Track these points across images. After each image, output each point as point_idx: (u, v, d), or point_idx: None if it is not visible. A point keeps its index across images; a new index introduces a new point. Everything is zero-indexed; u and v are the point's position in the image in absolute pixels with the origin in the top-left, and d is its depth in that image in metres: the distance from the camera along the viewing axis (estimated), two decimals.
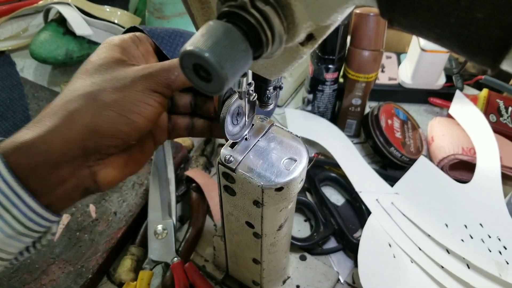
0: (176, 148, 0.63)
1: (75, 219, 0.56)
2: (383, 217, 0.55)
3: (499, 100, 0.69)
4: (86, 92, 0.33)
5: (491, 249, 0.52)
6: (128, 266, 0.52)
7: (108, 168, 0.35)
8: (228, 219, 0.41)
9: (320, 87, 0.65)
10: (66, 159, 0.32)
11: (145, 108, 0.34)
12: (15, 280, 0.50)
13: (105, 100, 0.32)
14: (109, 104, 0.32)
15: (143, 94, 0.33)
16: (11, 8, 0.88)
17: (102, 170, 0.34)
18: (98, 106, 0.32)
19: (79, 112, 0.32)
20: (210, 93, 0.22)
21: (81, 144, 0.32)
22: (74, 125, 0.32)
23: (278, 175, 0.34)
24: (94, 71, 0.34)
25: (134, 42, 0.38)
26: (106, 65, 0.35)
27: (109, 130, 0.33)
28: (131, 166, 0.38)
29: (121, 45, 0.37)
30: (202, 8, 0.28)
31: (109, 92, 0.33)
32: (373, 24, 0.57)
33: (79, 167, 0.33)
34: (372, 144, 0.63)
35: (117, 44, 0.37)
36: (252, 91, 0.32)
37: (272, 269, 0.47)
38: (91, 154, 0.33)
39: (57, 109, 0.33)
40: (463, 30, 0.17)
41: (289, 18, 0.22)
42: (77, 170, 0.33)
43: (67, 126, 0.32)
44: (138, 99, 0.33)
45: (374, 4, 0.19)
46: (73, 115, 0.32)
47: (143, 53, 0.39)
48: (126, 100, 0.33)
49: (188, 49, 0.20)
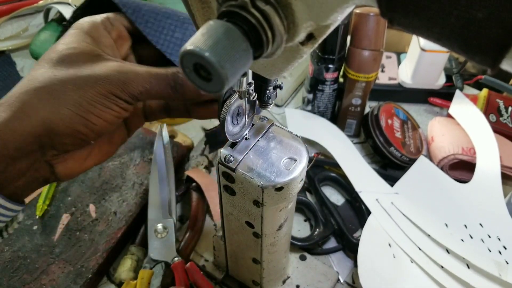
0: (176, 148, 0.63)
1: (75, 219, 0.56)
2: (383, 217, 0.55)
3: (499, 100, 0.69)
4: (45, 85, 0.31)
5: (491, 249, 0.52)
6: (128, 265, 0.52)
7: (68, 161, 0.34)
8: (228, 219, 0.41)
9: (320, 87, 0.65)
10: (22, 153, 0.31)
11: (105, 111, 0.32)
12: (15, 280, 0.50)
13: (63, 98, 0.31)
14: (67, 102, 0.31)
15: (104, 98, 0.32)
16: (11, 8, 0.88)
17: (61, 163, 0.34)
18: (55, 103, 0.31)
19: (35, 106, 0.31)
20: (211, 93, 0.22)
21: (36, 139, 0.31)
22: (29, 120, 0.30)
23: (278, 175, 0.34)
24: (58, 62, 0.32)
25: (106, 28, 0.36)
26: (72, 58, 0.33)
27: (65, 129, 0.31)
28: (96, 157, 0.37)
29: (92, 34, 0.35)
30: (202, 7, 0.27)
31: (69, 90, 0.31)
32: (373, 24, 0.57)
33: (36, 161, 0.32)
34: (372, 144, 0.63)
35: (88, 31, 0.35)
36: (252, 90, 0.32)
37: (272, 269, 0.47)
38: (47, 149, 0.32)
39: (13, 99, 0.31)
40: (463, 30, 0.17)
41: (289, 17, 0.22)
42: (34, 164, 0.32)
43: (21, 120, 0.30)
44: (99, 102, 0.32)
45: (374, 4, 0.19)
46: (28, 109, 0.31)
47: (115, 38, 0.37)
48: (85, 101, 0.31)
49: (188, 48, 0.20)
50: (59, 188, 0.59)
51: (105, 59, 0.33)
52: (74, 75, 0.32)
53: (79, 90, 0.31)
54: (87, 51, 0.33)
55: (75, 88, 0.31)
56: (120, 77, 0.32)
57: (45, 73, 0.32)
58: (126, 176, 0.60)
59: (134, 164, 0.61)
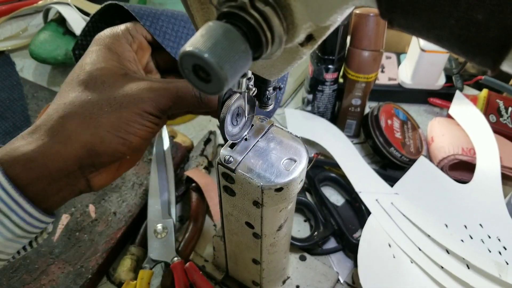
0: (176, 148, 0.63)
1: (75, 219, 0.56)
2: (383, 217, 0.55)
3: (499, 100, 0.69)
4: (82, 110, 0.33)
5: (491, 249, 0.52)
6: (127, 266, 0.52)
7: (102, 174, 0.36)
8: (228, 219, 0.41)
9: (320, 88, 0.65)
10: (63, 174, 0.33)
11: (141, 129, 0.34)
12: (14, 280, 0.50)
13: (103, 122, 0.33)
14: (106, 125, 0.33)
15: (140, 117, 0.34)
16: (11, 8, 0.88)
17: (96, 177, 0.35)
18: (95, 126, 0.33)
19: (76, 131, 0.32)
20: (210, 94, 0.22)
21: (78, 161, 0.33)
22: (72, 144, 0.32)
23: (278, 176, 0.34)
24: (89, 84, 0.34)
25: (127, 41, 0.37)
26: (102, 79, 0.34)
27: (106, 150, 0.33)
28: (126, 166, 0.38)
29: (116, 49, 0.36)
30: (201, 8, 0.27)
31: (106, 112, 0.33)
32: (373, 24, 0.57)
33: (75, 179, 0.34)
34: (372, 144, 0.63)
35: (111, 47, 0.36)
36: (252, 85, 0.32)
37: (271, 269, 0.47)
38: (86, 168, 0.34)
39: (53, 123, 0.33)
40: (463, 31, 0.17)
41: (288, 18, 0.22)
42: (73, 181, 0.34)
43: (65, 144, 0.32)
44: (135, 121, 0.33)
45: (374, 5, 0.19)
46: (70, 134, 0.32)
47: (136, 50, 0.38)
48: (123, 122, 0.33)
49: (187, 49, 0.20)
50: None
51: (133, 78, 0.35)
52: (108, 97, 0.33)
53: (115, 112, 0.33)
54: (115, 70, 0.35)
55: (111, 110, 0.33)
56: (151, 96, 0.34)
57: (80, 97, 0.33)
58: (125, 176, 0.60)
59: None
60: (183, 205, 0.61)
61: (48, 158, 0.32)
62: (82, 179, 0.34)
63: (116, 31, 0.37)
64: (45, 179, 0.32)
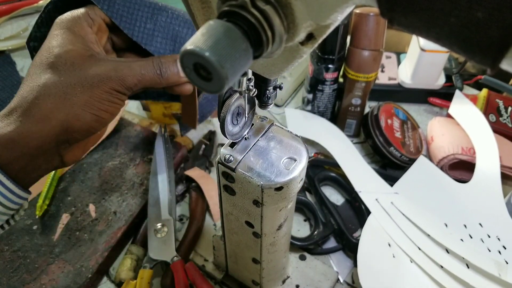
0: (175, 148, 0.63)
1: (75, 219, 0.56)
2: (382, 216, 0.55)
3: (498, 100, 0.69)
4: (57, 90, 0.35)
5: (490, 248, 0.52)
6: (128, 265, 0.52)
7: (74, 150, 0.39)
8: (228, 218, 0.41)
9: (320, 87, 0.65)
10: (41, 151, 0.35)
11: (111, 106, 0.38)
12: (14, 280, 0.50)
13: (76, 100, 0.36)
14: (80, 103, 0.36)
15: (109, 95, 0.37)
16: (11, 8, 0.88)
17: (69, 152, 0.38)
18: (70, 105, 0.35)
19: (53, 110, 0.35)
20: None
21: (55, 138, 0.36)
22: (50, 122, 0.35)
23: (278, 175, 0.34)
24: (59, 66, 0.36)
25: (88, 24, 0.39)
26: (71, 60, 0.36)
27: (82, 127, 0.36)
28: (91, 142, 0.43)
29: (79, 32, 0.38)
30: (202, 7, 0.28)
31: (79, 92, 0.36)
32: (373, 24, 0.57)
33: (51, 155, 0.37)
34: (372, 144, 0.63)
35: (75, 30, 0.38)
36: (252, 86, 0.32)
37: (271, 268, 0.47)
38: (61, 144, 0.37)
39: (29, 104, 0.35)
40: (463, 30, 0.17)
41: (289, 17, 0.23)
42: (49, 157, 0.37)
43: (43, 124, 0.35)
44: (105, 99, 0.37)
45: (374, 4, 0.19)
46: (47, 113, 0.35)
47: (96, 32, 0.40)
48: (95, 100, 0.36)
49: (188, 48, 0.20)
50: (59, 188, 0.59)
51: (99, 58, 0.38)
52: (79, 78, 0.36)
53: (87, 91, 0.36)
54: (82, 52, 0.37)
55: (83, 90, 0.36)
56: (118, 74, 0.37)
57: (52, 78, 0.36)
58: (126, 176, 0.60)
59: (134, 164, 0.62)
60: (183, 205, 0.61)
61: (28, 138, 0.34)
62: (56, 155, 0.37)
63: (77, 14, 0.39)
64: (25, 157, 0.35)
